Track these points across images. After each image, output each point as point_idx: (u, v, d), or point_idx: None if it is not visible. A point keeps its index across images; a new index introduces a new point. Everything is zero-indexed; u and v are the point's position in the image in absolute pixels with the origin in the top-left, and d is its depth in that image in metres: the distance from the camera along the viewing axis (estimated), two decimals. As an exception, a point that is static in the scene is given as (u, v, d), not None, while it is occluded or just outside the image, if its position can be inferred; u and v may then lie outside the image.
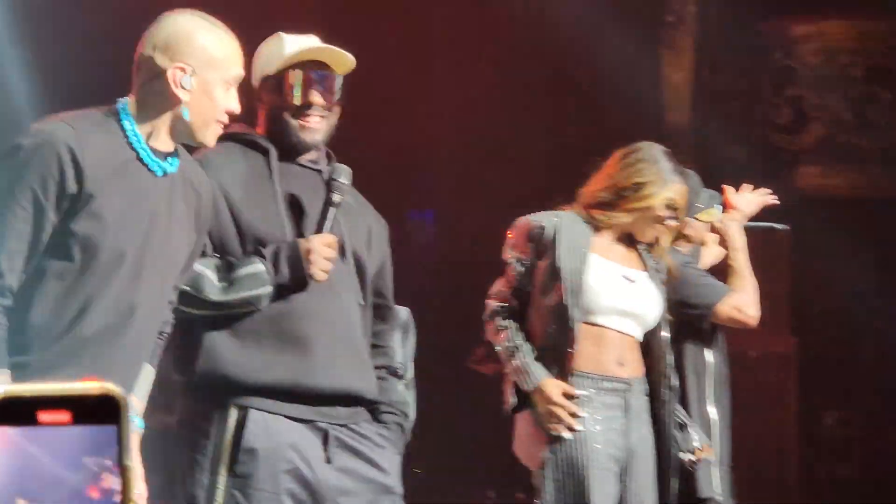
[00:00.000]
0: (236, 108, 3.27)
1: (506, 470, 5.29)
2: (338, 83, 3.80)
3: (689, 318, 4.92)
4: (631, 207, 4.36)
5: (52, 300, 3.14)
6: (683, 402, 4.95)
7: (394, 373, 4.00)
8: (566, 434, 4.22)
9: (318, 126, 3.70)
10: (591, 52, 9.25)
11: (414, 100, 9.73)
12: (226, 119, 3.27)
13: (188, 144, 3.37)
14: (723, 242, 5.12)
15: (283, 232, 3.65)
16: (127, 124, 3.16)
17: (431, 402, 8.14)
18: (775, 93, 10.33)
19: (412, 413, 4.13)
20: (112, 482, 0.74)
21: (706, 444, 4.83)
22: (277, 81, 3.75)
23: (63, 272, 3.14)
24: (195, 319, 3.64)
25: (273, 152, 3.68)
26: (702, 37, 10.20)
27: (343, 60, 3.78)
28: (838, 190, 10.03)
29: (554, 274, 4.29)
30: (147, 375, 3.36)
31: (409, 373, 4.25)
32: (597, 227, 4.39)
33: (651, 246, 4.52)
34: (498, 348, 4.46)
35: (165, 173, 3.21)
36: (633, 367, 4.35)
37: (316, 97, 3.72)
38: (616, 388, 4.32)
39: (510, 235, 4.48)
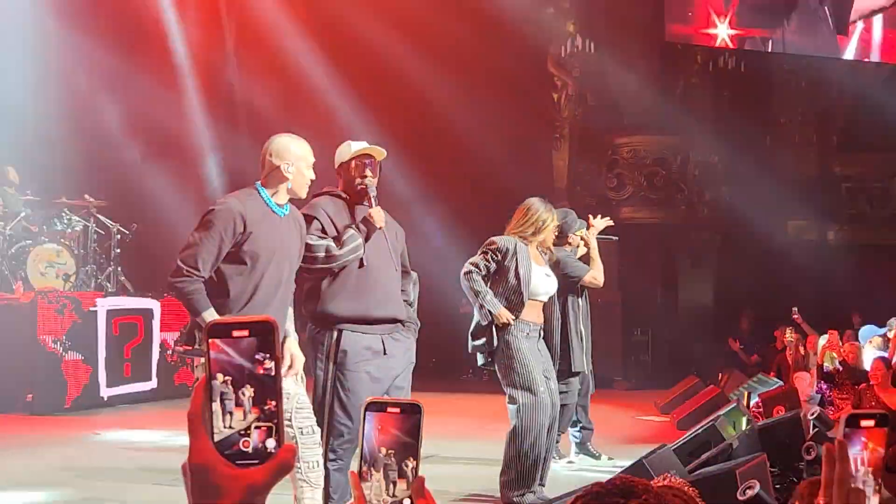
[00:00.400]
0: (313, 177, 4.19)
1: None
2: (378, 165, 4.67)
3: (570, 283, 6.44)
4: (545, 232, 5.60)
5: (240, 286, 4.01)
6: (566, 326, 6.40)
7: (409, 304, 4.87)
8: (509, 322, 5.36)
9: (369, 182, 4.63)
10: (513, 153, 12.22)
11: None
12: (308, 184, 4.19)
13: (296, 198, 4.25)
14: (586, 245, 6.59)
15: (350, 229, 4.57)
16: (263, 194, 4.09)
17: (437, 324, 8.63)
18: (608, 172, 13.85)
19: (418, 324, 4.96)
20: (269, 365, 0.95)
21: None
22: (348, 165, 4.65)
23: (242, 272, 4.02)
24: (314, 283, 4.54)
25: (348, 200, 4.67)
26: (573, 143, 13.78)
27: (381, 152, 4.65)
28: (641, 219, 13.22)
29: (516, 274, 5.42)
30: (290, 313, 4.30)
31: (415, 305, 5.02)
32: (526, 245, 5.52)
33: (548, 248, 5.75)
34: (470, 289, 5.45)
35: (284, 215, 4.14)
36: (541, 318, 5.62)
37: (368, 172, 4.60)
38: (536, 329, 5.56)
39: (488, 243, 5.58)
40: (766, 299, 11.74)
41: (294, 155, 4.09)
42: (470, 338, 5.52)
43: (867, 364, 8.08)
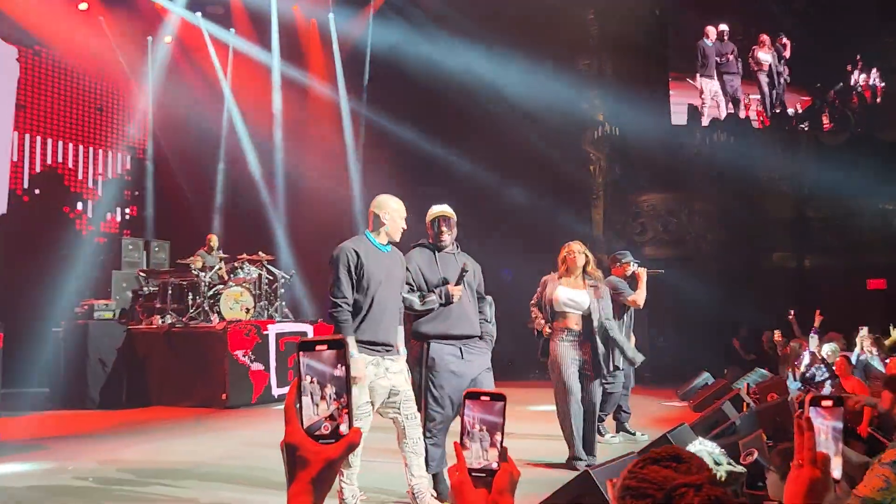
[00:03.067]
0: (405, 227, 4.11)
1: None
2: (453, 222, 4.53)
3: (622, 301, 6.41)
4: (569, 262, 5.49)
5: (360, 305, 3.91)
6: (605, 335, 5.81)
7: (487, 321, 4.69)
8: (548, 329, 5.30)
9: (448, 239, 4.52)
10: (563, 212, 12.08)
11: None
12: (401, 230, 4.09)
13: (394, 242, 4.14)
14: (638, 277, 6.50)
15: (441, 282, 4.45)
16: (371, 238, 4.05)
17: (512, 335, 8.61)
18: (633, 223, 13.71)
19: (495, 335, 4.74)
20: (342, 370, 0.93)
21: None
22: (434, 222, 4.52)
23: (363, 295, 3.93)
24: (412, 315, 4.42)
25: (434, 249, 4.52)
26: (606, 202, 13.77)
27: (453, 213, 4.55)
28: (659, 256, 12.94)
29: (543, 296, 5.45)
30: (401, 330, 4.12)
31: (493, 321, 4.80)
32: (560, 277, 5.50)
33: (585, 273, 5.50)
34: (533, 315, 5.55)
35: (386, 252, 4.05)
36: (578, 325, 5.39)
37: (444, 228, 4.50)
38: (573, 334, 5.40)
39: (539, 285, 5.63)
40: (758, 312, 11.29)
41: (392, 209, 4.06)
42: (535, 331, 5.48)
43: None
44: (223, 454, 6.22)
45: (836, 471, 1.18)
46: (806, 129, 14.12)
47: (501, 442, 1.09)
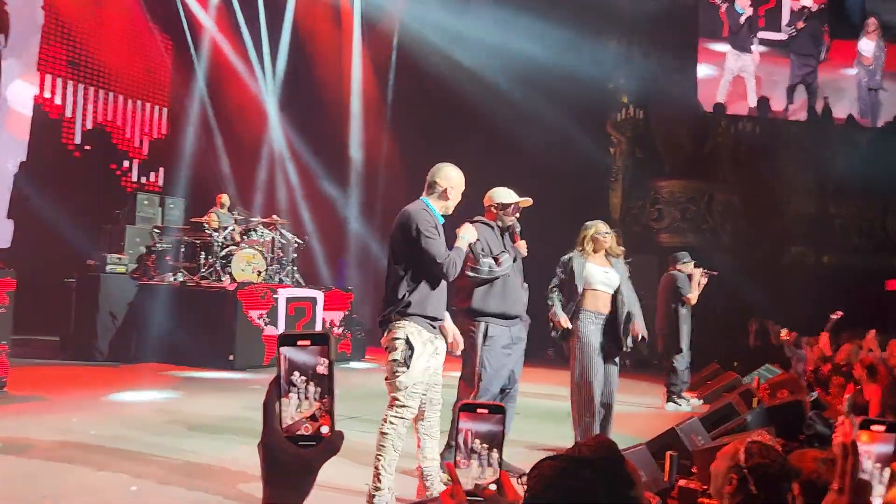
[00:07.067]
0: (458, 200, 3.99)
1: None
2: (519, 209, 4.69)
3: (680, 297, 7.54)
4: (592, 241, 5.30)
5: (431, 279, 3.81)
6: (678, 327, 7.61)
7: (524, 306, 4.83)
8: (568, 326, 5.11)
9: (514, 221, 4.70)
10: (580, 192, 12.16)
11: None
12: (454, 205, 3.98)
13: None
14: (689, 277, 7.53)
15: (504, 253, 4.62)
16: (432, 207, 3.92)
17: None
18: (651, 206, 13.56)
19: (529, 320, 4.94)
20: (325, 367, 0.89)
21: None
22: (512, 207, 4.67)
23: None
24: (470, 286, 4.53)
25: (496, 227, 4.68)
26: (625, 185, 13.67)
27: (527, 203, 4.70)
28: (676, 244, 12.27)
29: (571, 274, 5.21)
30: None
31: (525, 306, 4.87)
32: (584, 255, 5.31)
33: (607, 252, 5.32)
34: (549, 299, 5.31)
35: (442, 224, 3.90)
36: (606, 308, 5.19)
37: (517, 214, 4.72)
38: (601, 316, 5.18)
39: (561, 266, 5.36)
40: (772, 306, 11.17)
41: (454, 182, 3.91)
42: (552, 323, 5.25)
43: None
44: (230, 414, 6.23)
45: (877, 501, 1.13)
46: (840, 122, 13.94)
47: (500, 460, 1.03)
